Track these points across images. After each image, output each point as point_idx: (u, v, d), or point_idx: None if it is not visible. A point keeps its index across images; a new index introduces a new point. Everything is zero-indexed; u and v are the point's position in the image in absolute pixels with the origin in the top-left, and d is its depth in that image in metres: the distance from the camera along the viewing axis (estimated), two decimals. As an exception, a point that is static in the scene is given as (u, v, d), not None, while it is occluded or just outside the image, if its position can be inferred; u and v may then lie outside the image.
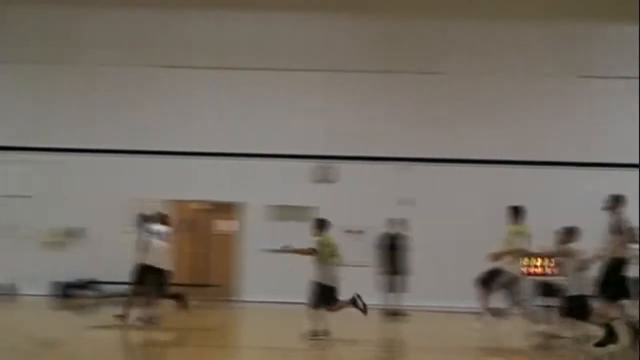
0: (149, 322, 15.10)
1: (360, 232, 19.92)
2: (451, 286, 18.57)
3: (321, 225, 14.40)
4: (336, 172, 21.56)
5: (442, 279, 19.57)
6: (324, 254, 14.14)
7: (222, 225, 22.01)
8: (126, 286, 16.09)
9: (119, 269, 18.64)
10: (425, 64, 21.53)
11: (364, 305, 14.21)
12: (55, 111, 21.79)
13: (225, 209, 21.64)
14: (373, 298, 17.98)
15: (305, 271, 14.06)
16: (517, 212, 14.92)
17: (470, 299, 15.33)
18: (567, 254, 13.43)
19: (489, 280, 14.85)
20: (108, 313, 15.91)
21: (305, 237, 14.13)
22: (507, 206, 15.15)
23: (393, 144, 21.40)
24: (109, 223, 20.14)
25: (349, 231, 19.55)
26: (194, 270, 20.57)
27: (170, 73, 21.74)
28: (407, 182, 21.16)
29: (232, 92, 21.78)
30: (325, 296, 14.01)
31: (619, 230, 13.20)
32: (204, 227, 20.98)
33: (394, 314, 17.69)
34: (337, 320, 14.13)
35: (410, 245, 18.30)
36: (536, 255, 17.25)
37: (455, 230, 20.29)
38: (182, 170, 21.46)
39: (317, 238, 14.29)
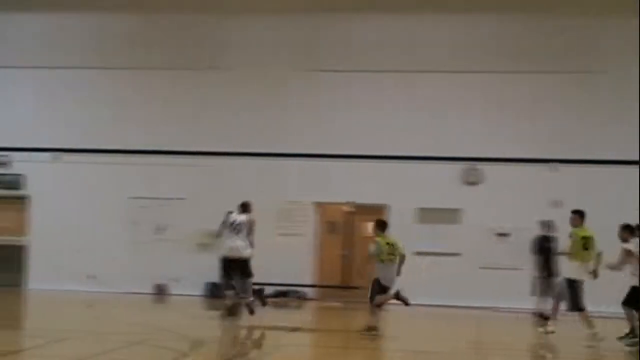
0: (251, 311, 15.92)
1: (506, 234, 19.62)
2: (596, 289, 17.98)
3: (382, 225, 14.95)
4: (482, 174, 21.35)
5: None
6: (382, 254, 14.56)
7: (369, 227, 22.13)
8: (277, 287, 16.51)
9: (271, 270, 19.01)
10: (579, 64, 21.02)
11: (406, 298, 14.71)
12: (205, 116, 22.35)
13: (371, 211, 21.73)
14: (522, 301, 17.76)
15: (446, 275, 14.00)
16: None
17: (616, 304, 14.67)
18: None
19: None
20: (262, 314, 16.21)
21: (451, 239, 14.16)
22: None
23: (538, 145, 21.01)
24: (258, 225, 20.45)
25: (500, 234, 19.29)
26: (339, 272, 20.71)
27: (322, 76, 22.00)
28: (554, 183, 20.73)
29: (381, 95, 21.83)
30: (377, 293, 14.57)
31: None
32: (350, 229, 21.11)
33: (545, 318, 17.35)
34: (490, 326, 14.00)
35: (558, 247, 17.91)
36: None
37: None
38: (329, 173, 21.66)
39: (377, 238, 14.73)
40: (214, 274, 20.74)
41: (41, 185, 22.52)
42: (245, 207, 16.60)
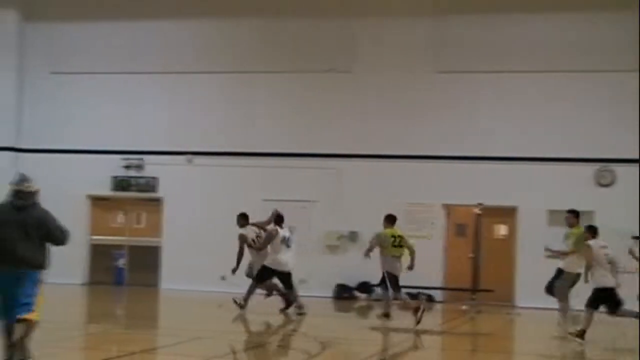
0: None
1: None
2: None
3: (390, 219, 16.44)
4: (615, 175, 20.82)
5: None
6: (387, 246, 16.05)
7: (498, 229, 21.85)
8: (406, 289, 16.49)
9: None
10: None
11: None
12: (333, 119, 22.47)
13: (501, 213, 21.45)
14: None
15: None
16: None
17: None
18: None
19: None
20: (398, 315, 16.23)
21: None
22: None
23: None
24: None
25: (635, 237, 18.74)
26: (467, 275, 20.49)
27: (450, 78, 21.86)
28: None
29: (509, 95, 21.55)
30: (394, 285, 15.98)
31: None
32: (478, 231, 20.86)
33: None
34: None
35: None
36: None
37: None
38: (457, 174, 21.50)
39: (385, 230, 16.29)
40: (343, 276, 20.87)
41: (174, 187, 23.06)
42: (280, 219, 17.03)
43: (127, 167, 23.46)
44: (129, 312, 18.99)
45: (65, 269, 22.58)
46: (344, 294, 21.68)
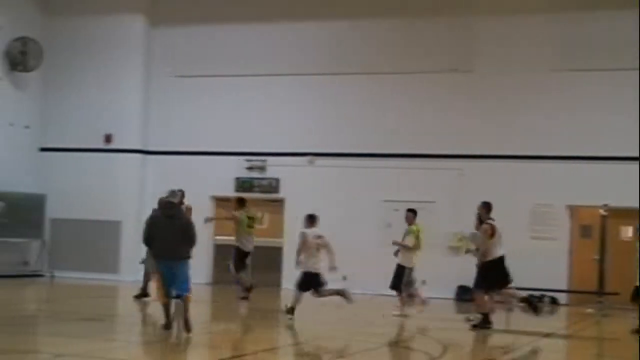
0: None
1: None
2: None
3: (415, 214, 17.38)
4: None
5: None
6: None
7: (625, 231, 21.29)
8: (530, 291, 16.25)
9: (524, 274, 18.64)
10: None
11: None
12: (453, 119, 22.31)
13: (626, 215, 20.90)
14: None
15: None
16: None
17: None
18: None
19: None
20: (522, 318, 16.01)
21: None
22: None
23: None
24: (511, 227, 20.13)
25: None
26: (593, 277, 20.05)
27: (570, 76, 21.47)
28: None
29: (632, 94, 21.02)
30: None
31: None
32: (604, 233, 20.40)
33: None
34: None
35: None
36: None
37: None
38: (582, 175, 21.05)
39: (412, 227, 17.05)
40: (464, 278, 20.68)
41: (295, 188, 23.27)
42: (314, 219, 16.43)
43: (250, 168, 23.81)
44: (250, 311, 19.21)
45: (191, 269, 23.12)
46: (464, 295, 21.47)
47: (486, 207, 15.46)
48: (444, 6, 22.65)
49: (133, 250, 23.68)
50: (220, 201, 24.16)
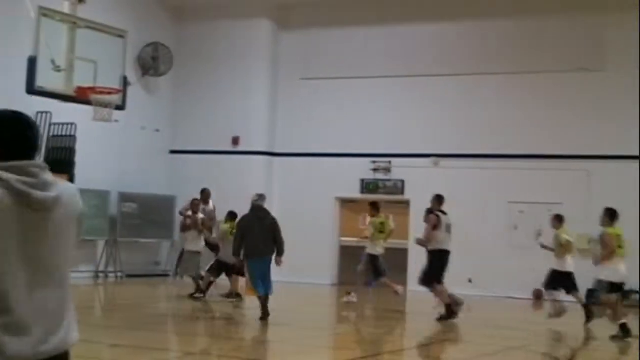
0: None
1: None
2: None
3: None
4: None
5: None
6: None
7: None
8: None
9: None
10: None
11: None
12: (576, 120, 21.89)
13: None
14: None
15: None
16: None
17: None
18: None
19: None
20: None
21: None
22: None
23: None
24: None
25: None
26: None
27: None
28: None
29: None
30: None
31: None
32: None
33: None
34: None
35: None
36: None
37: None
38: None
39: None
40: (592, 280, 20.17)
41: (420, 190, 23.19)
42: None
43: (376, 170, 23.88)
44: (376, 313, 19.27)
45: (315, 270, 23.35)
46: (592, 299, 20.97)
47: (438, 199, 16.28)
48: (572, 4, 22.22)
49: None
50: (345, 203, 24.30)
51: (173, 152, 25.45)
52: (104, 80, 16.62)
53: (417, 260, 22.80)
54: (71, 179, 20.56)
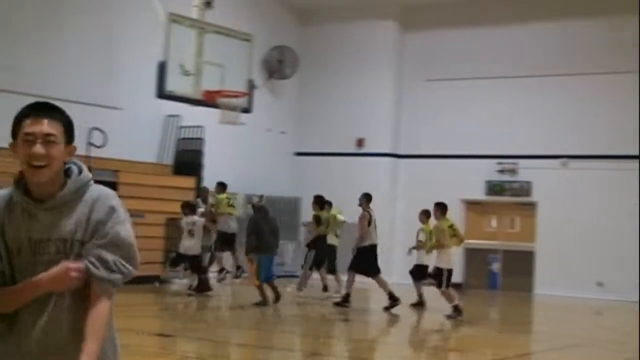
0: None
1: None
2: None
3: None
4: None
5: None
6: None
7: None
8: None
9: None
10: None
11: None
12: None
13: None
14: None
15: None
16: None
17: None
18: None
19: None
20: None
21: None
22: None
23: None
24: None
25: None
26: None
27: None
28: None
29: None
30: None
31: None
32: None
33: None
34: None
35: None
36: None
37: None
38: None
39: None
40: None
41: (548, 191, 22.79)
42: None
43: (501, 171, 23.57)
44: (502, 315, 19.04)
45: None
46: None
47: (366, 197, 17.41)
48: None
49: (385, 253, 23.97)
50: (470, 205, 24.07)
51: (298, 154, 25.68)
52: (231, 83, 16.93)
53: (544, 264, 22.51)
54: (199, 181, 21.01)
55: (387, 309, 16.21)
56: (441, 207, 16.31)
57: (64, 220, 3.43)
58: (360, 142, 25.00)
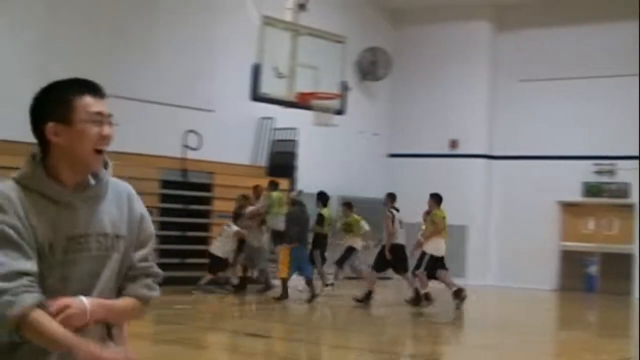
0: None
1: None
2: None
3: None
4: None
5: None
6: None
7: None
8: None
9: None
10: None
11: None
12: None
13: None
14: None
15: None
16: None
17: None
18: None
19: None
20: None
21: None
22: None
23: None
24: None
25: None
26: None
27: None
28: None
29: None
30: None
31: None
32: None
33: None
34: None
35: None
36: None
37: None
38: None
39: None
40: None
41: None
42: None
43: (599, 172, 23.12)
44: (600, 319, 18.69)
45: (534, 275, 22.90)
46: None
47: (390, 197, 17.89)
48: None
49: (479, 255, 23.85)
50: (566, 206, 23.69)
51: (391, 155, 25.63)
52: (324, 85, 17.00)
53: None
54: (292, 183, 21.14)
55: (408, 301, 16.64)
56: (436, 198, 17.30)
57: (104, 212, 3.06)
58: (453, 144, 24.84)
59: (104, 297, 3.01)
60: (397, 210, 17.56)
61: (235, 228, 17.63)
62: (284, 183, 20.34)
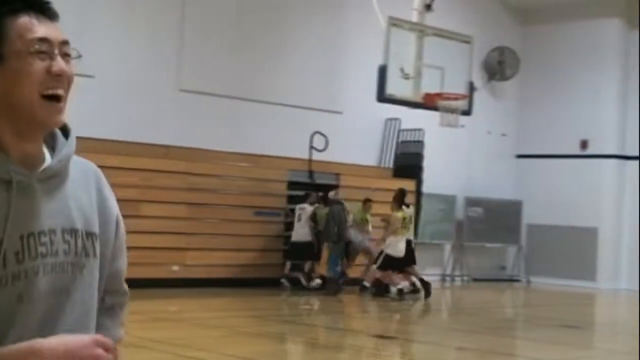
0: None
1: None
2: None
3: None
4: None
5: None
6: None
7: None
8: None
9: None
10: None
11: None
12: None
13: None
14: None
15: None
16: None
17: None
18: None
19: None
20: None
21: None
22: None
23: None
24: None
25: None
26: None
27: None
28: None
29: None
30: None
31: None
32: None
33: None
34: None
35: None
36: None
37: None
38: None
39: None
40: None
41: None
42: None
43: None
44: None
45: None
46: None
47: (401, 193, 17.74)
48: None
49: (610, 257, 23.29)
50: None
51: (519, 156, 25.26)
52: (450, 86, 16.89)
53: None
54: (418, 184, 21.08)
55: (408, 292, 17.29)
56: (398, 198, 17.60)
57: (69, 199, 1.97)
58: (584, 144, 24.29)
59: (80, 327, 1.93)
60: (408, 206, 17.75)
61: (307, 205, 17.86)
62: (410, 184, 20.29)
